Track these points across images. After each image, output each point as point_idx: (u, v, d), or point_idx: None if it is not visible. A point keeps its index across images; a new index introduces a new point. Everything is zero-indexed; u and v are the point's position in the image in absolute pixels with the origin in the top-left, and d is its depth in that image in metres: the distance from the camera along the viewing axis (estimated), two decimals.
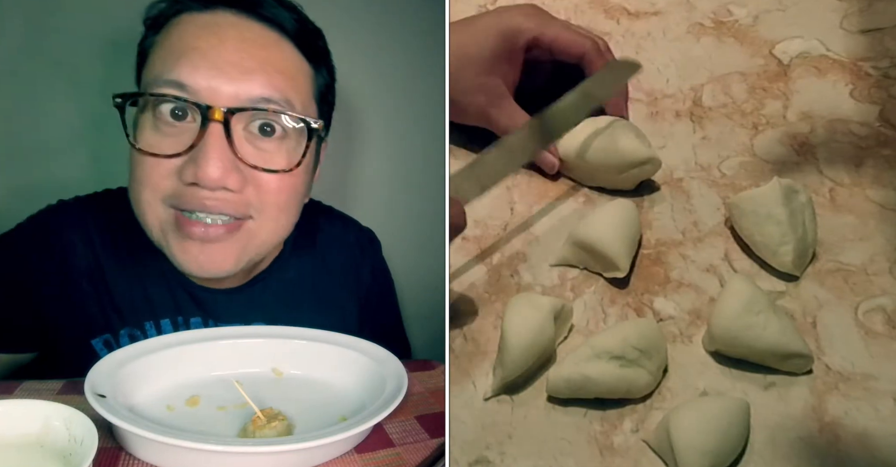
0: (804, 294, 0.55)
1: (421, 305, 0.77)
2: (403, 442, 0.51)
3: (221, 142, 0.53)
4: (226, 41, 0.54)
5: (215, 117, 0.52)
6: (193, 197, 0.54)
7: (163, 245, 0.56)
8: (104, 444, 0.45)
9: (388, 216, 0.84)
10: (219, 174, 0.52)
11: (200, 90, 0.53)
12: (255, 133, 0.55)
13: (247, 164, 0.54)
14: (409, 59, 0.91)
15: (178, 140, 0.53)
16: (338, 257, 0.71)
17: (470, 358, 0.54)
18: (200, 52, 0.53)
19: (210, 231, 0.55)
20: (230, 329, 0.61)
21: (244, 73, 0.54)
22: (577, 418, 0.50)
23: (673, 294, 0.56)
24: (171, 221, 0.55)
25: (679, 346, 0.53)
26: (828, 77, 0.70)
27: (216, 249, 0.56)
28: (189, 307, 0.62)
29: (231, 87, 0.53)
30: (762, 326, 0.50)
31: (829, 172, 0.63)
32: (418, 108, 0.90)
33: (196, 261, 0.56)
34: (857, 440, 0.48)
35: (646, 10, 0.77)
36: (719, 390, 0.51)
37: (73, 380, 0.54)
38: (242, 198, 0.55)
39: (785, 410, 0.50)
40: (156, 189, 0.54)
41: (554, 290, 0.57)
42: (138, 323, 0.61)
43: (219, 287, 0.63)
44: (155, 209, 0.55)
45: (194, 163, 0.52)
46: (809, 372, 0.51)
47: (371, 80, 0.92)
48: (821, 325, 0.53)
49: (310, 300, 0.68)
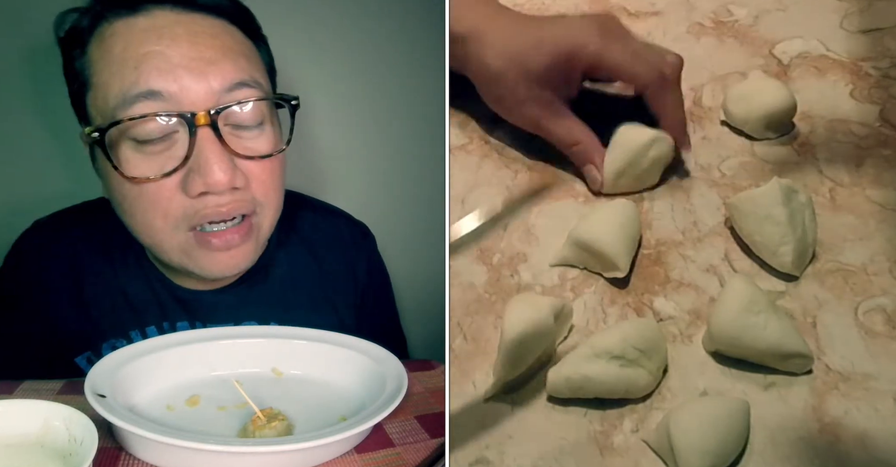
0: (804, 294, 0.55)
1: (420, 305, 0.77)
2: (403, 442, 0.51)
3: (215, 144, 0.52)
4: (178, 39, 0.53)
5: (202, 122, 0.51)
6: (206, 208, 0.53)
7: (183, 261, 0.56)
8: (104, 444, 0.45)
9: (389, 216, 0.84)
10: (226, 176, 0.52)
11: (174, 94, 0.51)
12: (237, 124, 0.54)
13: (242, 157, 0.54)
14: (409, 57, 0.91)
15: (168, 155, 0.52)
16: (330, 252, 0.70)
17: (470, 358, 0.54)
18: (159, 55, 0.52)
19: (229, 237, 0.55)
20: (230, 329, 0.61)
21: (209, 64, 0.53)
22: (577, 418, 0.50)
23: (673, 294, 0.56)
24: (192, 242, 0.55)
25: (679, 346, 0.53)
26: (828, 77, 0.69)
27: (238, 251, 0.56)
28: (175, 311, 0.62)
29: (202, 82, 0.52)
30: (762, 326, 0.50)
31: (829, 172, 0.62)
32: (418, 104, 0.90)
33: (223, 265, 0.56)
34: (857, 440, 0.48)
35: (646, 10, 0.77)
36: (719, 390, 0.51)
37: (73, 380, 0.54)
38: (247, 193, 0.55)
39: (785, 410, 0.50)
40: (167, 214, 0.53)
41: (554, 290, 0.57)
42: (123, 333, 0.60)
43: (204, 288, 0.62)
44: (171, 236, 0.55)
45: (196, 173, 0.52)
46: (809, 372, 0.51)
47: (371, 76, 0.92)
48: (821, 325, 0.53)
49: (302, 298, 0.67)
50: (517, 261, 0.59)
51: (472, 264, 0.59)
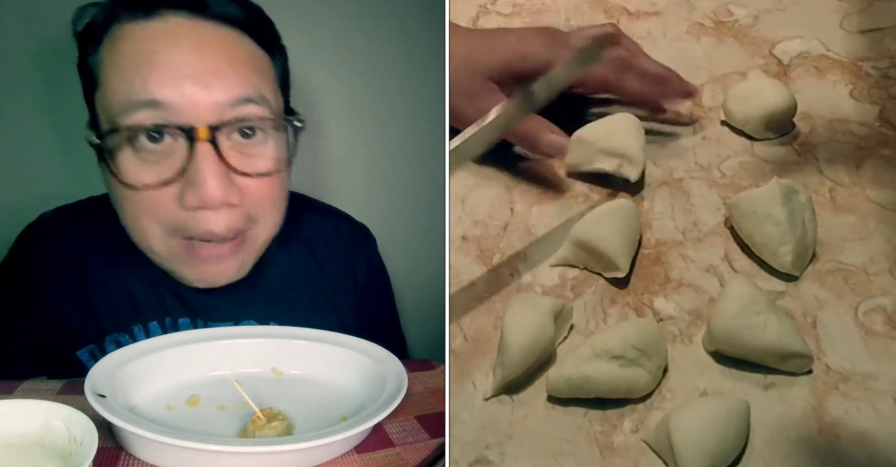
0: (804, 294, 0.55)
1: (420, 305, 0.77)
2: (403, 442, 0.51)
3: (213, 159, 0.52)
4: (185, 47, 0.52)
5: (201, 137, 0.51)
6: (198, 223, 0.53)
7: (173, 266, 0.56)
8: (104, 444, 0.45)
9: (389, 216, 0.84)
10: (220, 193, 0.52)
11: (177, 104, 0.51)
12: (238, 140, 0.54)
13: (240, 174, 0.54)
14: (408, 57, 0.91)
15: (166, 165, 0.52)
16: (330, 253, 0.70)
17: (470, 358, 0.54)
18: (166, 64, 0.51)
19: (217, 252, 0.55)
20: (230, 329, 0.61)
21: (215, 76, 0.52)
22: (577, 418, 0.50)
23: (673, 294, 0.56)
24: (181, 249, 0.55)
25: (679, 346, 0.53)
26: (828, 77, 0.69)
27: (226, 263, 0.56)
28: (177, 308, 0.62)
29: (208, 94, 0.52)
30: (762, 326, 0.50)
31: (829, 172, 0.62)
32: (418, 104, 0.90)
33: (210, 276, 0.57)
34: (857, 440, 0.48)
35: (646, 10, 0.77)
36: (719, 390, 0.51)
37: (73, 380, 0.54)
38: (243, 210, 0.55)
39: (785, 410, 0.50)
40: (162, 221, 0.54)
41: (554, 290, 0.57)
42: (126, 327, 0.60)
43: (206, 286, 0.62)
44: (161, 239, 0.55)
45: (192, 187, 0.52)
46: (809, 372, 0.51)
47: (369, 77, 0.92)
48: (821, 325, 0.53)
49: (302, 298, 0.67)
50: (517, 261, 0.59)
51: (472, 264, 0.59)
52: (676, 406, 0.49)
